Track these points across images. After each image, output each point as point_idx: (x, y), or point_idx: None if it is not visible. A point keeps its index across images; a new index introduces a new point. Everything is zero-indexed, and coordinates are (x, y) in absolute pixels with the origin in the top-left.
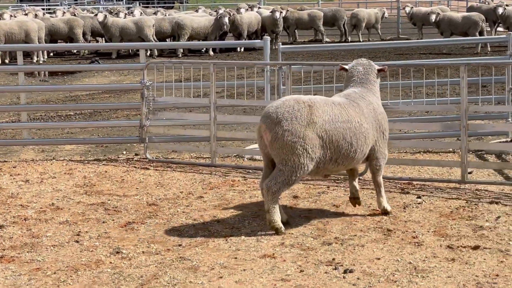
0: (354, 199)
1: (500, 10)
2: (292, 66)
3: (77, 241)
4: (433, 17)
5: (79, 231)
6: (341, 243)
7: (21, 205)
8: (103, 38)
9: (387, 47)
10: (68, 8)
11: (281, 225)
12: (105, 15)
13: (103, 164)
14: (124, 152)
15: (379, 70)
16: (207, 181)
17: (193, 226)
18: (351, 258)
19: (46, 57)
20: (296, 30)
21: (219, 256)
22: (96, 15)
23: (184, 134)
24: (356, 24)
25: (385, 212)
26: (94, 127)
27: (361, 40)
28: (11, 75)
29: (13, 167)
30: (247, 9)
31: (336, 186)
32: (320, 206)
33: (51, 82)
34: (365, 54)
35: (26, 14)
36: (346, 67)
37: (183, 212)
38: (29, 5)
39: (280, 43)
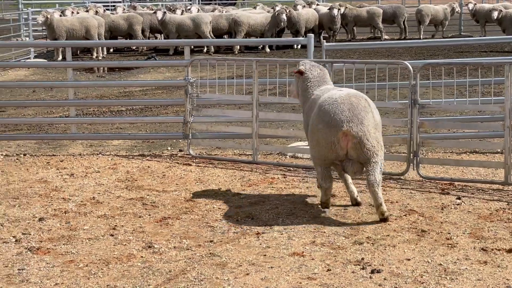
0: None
1: None
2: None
3: (112, 235)
4: (495, 14)
5: (115, 225)
6: (372, 243)
7: (63, 198)
8: (162, 35)
9: (441, 44)
10: (129, 5)
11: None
12: (164, 12)
13: (147, 160)
14: (169, 148)
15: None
16: (246, 178)
17: (227, 222)
18: (381, 258)
19: (105, 53)
20: (354, 27)
21: (249, 253)
22: (155, 12)
23: (227, 131)
24: (420, 20)
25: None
26: (142, 122)
27: (421, 37)
28: (73, 71)
29: (60, 161)
30: (304, 6)
31: None
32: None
33: (107, 78)
34: (423, 52)
35: (87, 11)
36: (302, 69)
37: (219, 208)
38: (91, 2)
39: (324, 41)
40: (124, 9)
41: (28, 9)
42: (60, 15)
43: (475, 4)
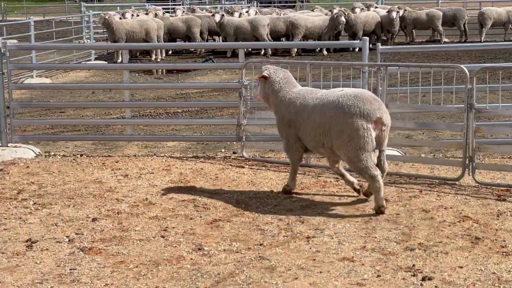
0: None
1: None
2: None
3: (162, 236)
4: None
5: (167, 227)
6: (424, 249)
7: (117, 199)
8: (220, 37)
9: (501, 48)
10: (188, 7)
11: None
12: (222, 15)
13: (200, 161)
14: (223, 150)
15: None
16: (298, 181)
17: (277, 226)
18: (432, 266)
19: (164, 55)
20: (413, 30)
21: (298, 257)
22: (213, 15)
23: None
24: (482, 23)
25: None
26: (197, 124)
27: (482, 40)
28: (132, 72)
29: (116, 162)
30: (362, 9)
31: (429, 190)
32: (409, 210)
33: (164, 80)
34: (484, 55)
35: (147, 14)
36: (266, 74)
37: (270, 211)
38: (151, 4)
39: (379, 44)
40: (183, 11)
41: (90, 12)
42: (120, 18)
43: None
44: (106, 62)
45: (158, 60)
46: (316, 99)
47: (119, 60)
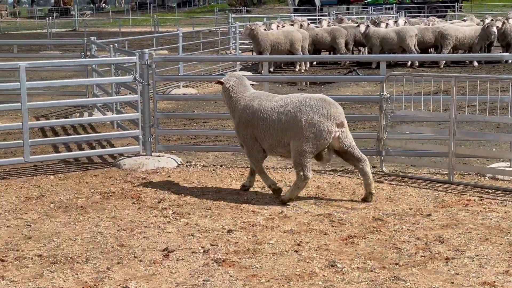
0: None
1: None
2: None
3: (296, 251)
4: None
5: (300, 241)
6: None
7: (253, 211)
8: (365, 48)
9: None
10: (334, 18)
11: None
12: (367, 26)
13: (339, 175)
14: None
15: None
16: (440, 199)
17: (414, 245)
18: None
19: (308, 66)
20: None
21: (435, 279)
22: (358, 25)
23: (422, 149)
24: None
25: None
26: None
27: None
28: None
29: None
30: None
31: None
32: None
33: (307, 91)
34: None
35: (292, 25)
36: (220, 79)
37: (408, 229)
38: (298, 15)
39: None
40: (329, 22)
41: (236, 23)
42: (265, 29)
43: None
44: (251, 73)
45: (302, 71)
46: (276, 101)
47: (263, 71)
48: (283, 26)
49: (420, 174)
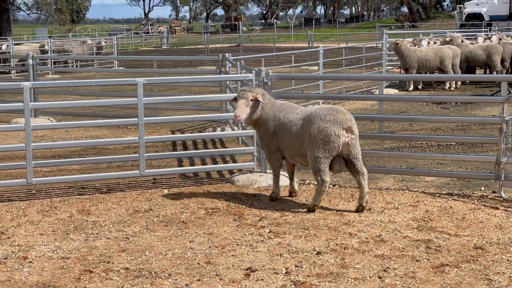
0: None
1: None
2: None
3: (379, 277)
4: None
5: (388, 267)
6: None
7: (350, 233)
8: None
9: None
10: (493, 34)
11: None
12: None
13: (452, 199)
14: (482, 188)
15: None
16: None
17: (509, 277)
18: None
19: (459, 84)
20: None
21: None
22: None
23: None
24: None
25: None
26: (451, 160)
27: None
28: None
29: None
30: None
31: None
32: None
33: (451, 110)
34: None
35: (448, 42)
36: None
37: (507, 260)
38: (451, 32)
39: None
40: (485, 39)
41: (383, 39)
42: (415, 45)
43: None
44: (397, 91)
45: (452, 89)
46: (296, 114)
47: (410, 89)
48: (435, 43)
49: None
